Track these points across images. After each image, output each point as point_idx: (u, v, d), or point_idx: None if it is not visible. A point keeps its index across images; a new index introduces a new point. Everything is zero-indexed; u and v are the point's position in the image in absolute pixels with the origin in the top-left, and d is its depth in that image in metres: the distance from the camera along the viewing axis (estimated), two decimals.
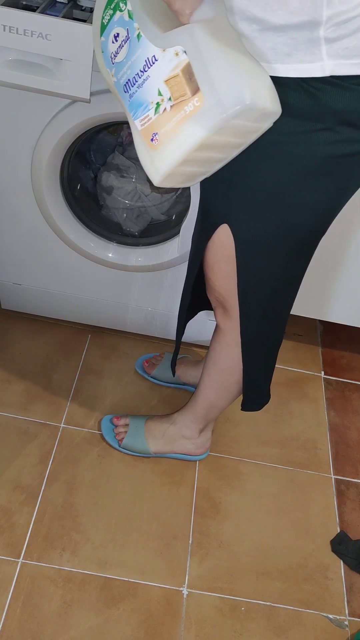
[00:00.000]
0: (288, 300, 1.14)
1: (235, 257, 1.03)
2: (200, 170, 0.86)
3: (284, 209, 0.95)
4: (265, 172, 0.91)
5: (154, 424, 1.47)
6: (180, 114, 0.78)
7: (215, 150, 0.82)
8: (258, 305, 1.10)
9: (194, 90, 0.76)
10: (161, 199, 1.62)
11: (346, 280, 1.60)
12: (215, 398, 1.35)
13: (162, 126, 0.80)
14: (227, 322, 1.17)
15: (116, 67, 0.85)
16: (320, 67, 0.79)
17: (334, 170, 0.90)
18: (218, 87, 0.75)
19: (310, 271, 1.13)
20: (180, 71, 0.77)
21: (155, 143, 0.81)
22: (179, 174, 0.83)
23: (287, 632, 1.26)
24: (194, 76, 0.76)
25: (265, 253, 1.02)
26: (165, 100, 0.79)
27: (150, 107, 0.81)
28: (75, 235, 1.48)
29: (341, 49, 0.78)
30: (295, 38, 0.78)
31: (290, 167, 0.89)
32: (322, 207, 0.96)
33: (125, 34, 0.82)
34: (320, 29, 0.76)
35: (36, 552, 1.28)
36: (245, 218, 0.98)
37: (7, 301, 1.73)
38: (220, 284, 1.11)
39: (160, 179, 0.83)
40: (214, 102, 0.75)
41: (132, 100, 0.83)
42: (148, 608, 1.24)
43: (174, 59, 0.77)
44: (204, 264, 1.11)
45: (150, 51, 0.79)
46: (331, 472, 1.56)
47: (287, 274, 1.07)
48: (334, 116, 0.83)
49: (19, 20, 1.04)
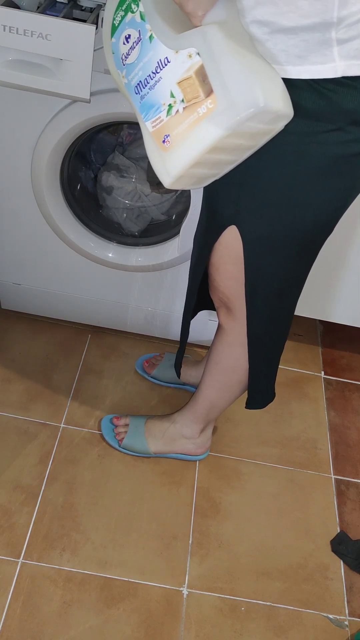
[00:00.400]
0: (294, 298, 1.15)
1: (244, 258, 1.03)
2: (210, 172, 0.86)
3: (294, 209, 0.95)
4: (276, 173, 0.91)
5: (154, 424, 1.47)
6: (193, 116, 0.78)
7: (226, 152, 0.82)
8: (265, 305, 1.10)
9: (208, 92, 0.76)
10: (161, 199, 1.62)
11: (346, 281, 1.60)
12: (217, 398, 1.35)
13: (174, 128, 0.80)
14: (230, 322, 1.17)
15: (127, 69, 0.85)
16: (332, 68, 0.79)
17: (343, 170, 0.90)
18: (232, 89, 0.75)
19: (311, 271, 1.13)
20: (194, 73, 0.77)
21: (167, 145, 0.81)
22: (190, 175, 0.83)
23: (287, 632, 1.26)
24: (207, 78, 0.76)
25: (273, 253, 1.02)
26: (178, 102, 0.79)
27: (162, 108, 0.81)
28: (75, 235, 1.48)
29: (353, 50, 0.79)
30: (307, 40, 0.78)
31: (301, 167, 0.89)
32: (331, 206, 0.97)
33: (137, 35, 0.82)
34: (332, 31, 0.77)
35: (36, 552, 1.28)
36: (255, 219, 0.98)
37: (7, 301, 1.73)
38: (225, 285, 1.11)
39: (171, 180, 0.83)
40: (228, 104, 0.75)
41: (143, 101, 0.83)
42: (148, 608, 1.24)
43: (187, 61, 0.77)
44: (209, 265, 1.11)
45: (162, 53, 0.79)
46: (331, 472, 1.56)
47: (293, 273, 1.08)
48: (345, 116, 0.83)
49: (19, 20, 1.04)
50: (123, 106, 1.21)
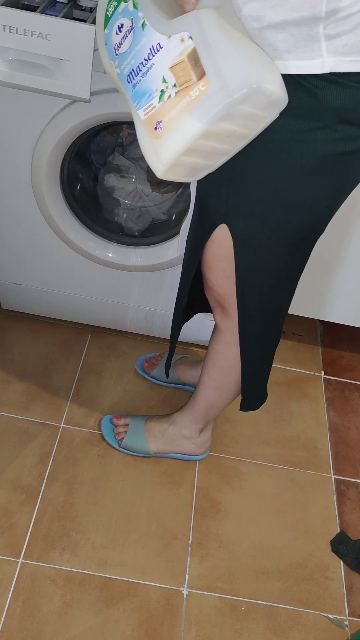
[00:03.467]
0: (286, 299, 1.14)
1: (234, 256, 1.03)
2: (204, 162, 0.85)
3: (283, 208, 0.95)
4: (264, 171, 0.91)
5: (153, 424, 1.47)
6: (185, 100, 0.76)
7: (220, 139, 0.80)
8: (256, 304, 1.10)
9: (200, 75, 0.75)
10: (162, 199, 1.62)
11: (346, 280, 1.60)
12: (215, 398, 1.35)
13: (166, 114, 0.79)
14: (225, 322, 1.17)
15: (120, 58, 0.84)
16: (320, 63, 0.79)
17: (332, 169, 0.90)
18: (224, 70, 0.74)
19: (310, 271, 1.13)
20: (186, 57, 0.76)
21: (159, 132, 0.80)
22: (183, 164, 0.82)
23: (287, 632, 1.26)
24: (199, 61, 0.75)
25: (263, 252, 1.02)
26: (170, 87, 0.78)
27: (154, 95, 0.79)
28: (75, 235, 1.48)
29: (341, 46, 0.78)
30: (295, 35, 0.78)
31: (289, 165, 0.89)
32: (321, 205, 0.96)
33: (130, 24, 0.81)
34: (320, 25, 0.77)
35: (36, 552, 1.28)
36: (244, 217, 0.98)
37: (7, 301, 1.73)
38: (218, 284, 1.11)
39: (163, 169, 0.81)
40: (220, 85, 0.74)
41: (135, 89, 0.82)
42: (148, 608, 1.24)
43: (180, 45, 0.76)
44: (202, 263, 1.11)
45: (155, 39, 0.78)
46: (331, 472, 1.56)
47: (285, 272, 1.07)
48: (333, 114, 0.83)
49: (19, 20, 1.04)
50: (123, 106, 1.21)
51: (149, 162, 0.83)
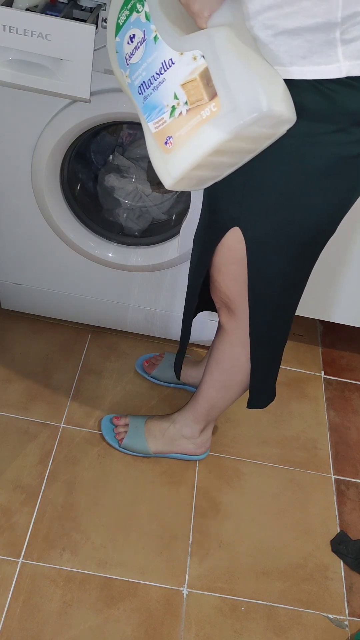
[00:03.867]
0: (295, 299, 1.15)
1: (247, 259, 1.03)
2: (211, 174, 0.87)
3: (297, 210, 0.95)
4: (279, 174, 0.91)
5: (153, 424, 1.47)
6: (197, 119, 0.78)
7: (228, 155, 0.82)
8: (267, 305, 1.11)
9: (212, 95, 0.76)
10: (162, 199, 1.62)
11: (346, 280, 1.60)
12: (217, 398, 1.35)
13: (177, 130, 0.80)
14: (232, 323, 1.17)
15: (131, 69, 0.84)
16: (336, 68, 0.79)
17: (345, 171, 0.90)
18: (236, 93, 0.75)
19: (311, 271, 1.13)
20: (198, 75, 0.77)
21: (169, 147, 0.81)
22: (191, 177, 0.83)
23: (287, 632, 1.26)
24: (211, 81, 0.76)
25: (275, 254, 1.02)
26: (182, 104, 0.79)
27: (165, 110, 0.81)
28: (75, 235, 1.48)
29: (357, 50, 0.79)
30: (311, 40, 0.78)
31: (304, 168, 0.90)
32: (333, 207, 0.97)
33: (142, 35, 0.82)
34: (336, 31, 0.77)
35: (36, 552, 1.28)
36: (257, 220, 0.98)
37: (7, 301, 1.73)
38: (227, 286, 1.11)
39: (172, 182, 0.83)
40: (231, 108, 0.75)
41: (146, 102, 0.83)
42: (148, 608, 1.24)
43: (192, 63, 0.77)
44: (210, 266, 1.11)
45: (167, 54, 0.79)
46: (331, 472, 1.56)
47: (296, 273, 1.08)
48: (348, 117, 0.83)
49: (19, 20, 1.04)
50: (123, 106, 1.21)
51: (158, 174, 0.85)
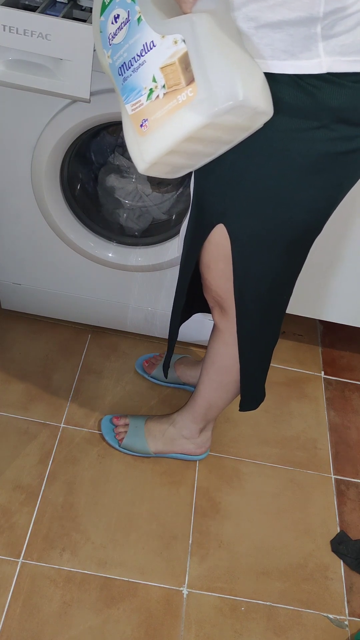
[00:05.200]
0: (284, 299, 1.14)
1: (232, 256, 1.03)
2: (186, 162, 0.86)
3: (281, 207, 0.95)
4: (261, 170, 0.91)
5: (153, 424, 1.47)
6: (172, 103, 0.77)
7: (203, 143, 0.82)
8: (254, 304, 1.10)
9: (189, 80, 0.76)
10: (162, 199, 1.62)
11: (346, 280, 1.60)
12: (214, 397, 1.35)
13: (152, 113, 0.79)
14: (224, 322, 1.17)
15: (113, 49, 0.84)
16: (317, 63, 0.79)
17: (329, 168, 0.90)
18: (213, 80, 0.75)
19: (310, 271, 1.13)
20: (177, 60, 0.76)
21: (144, 129, 0.81)
22: (164, 163, 0.83)
23: (287, 632, 1.26)
24: (190, 66, 0.76)
25: (261, 251, 1.02)
26: (159, 87, 0.78)
27: (143, 92, 0.80)
28: (75, 235, 1.48)
29: (338, 46, 0.78)
30: (292, 34, 0.78)
31: (286, 165, 0.89)
32: (318, 204, 0.96)
33: (126, 16, 0.81)
34: (317, 26, 0.76)
35: (36, 552, 1.28)
36: (242, 217, 0.98)
37: (7, 301, 1.73)
38: (217, 284, 1.11)
39: (145, 166, 0.83)
40: (207, 94, 0.75)
41: (125, 83, 0.83)
42: (148, 608, 1.24)
43: (172, 47, 0.77)
44: (200, 264, 1.11)
45: (149, 36, 0.79)
46: (331, 472, 1.56)
47: (283, 272, 1.07)
48: (330, 114, 0.83)
49: (19, 20, 1.04)
50: None
51: (132, 157, 0.84)
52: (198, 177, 1.01)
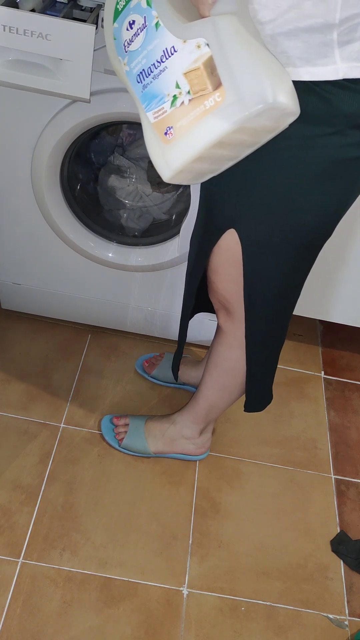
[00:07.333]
0: (292, 301, 1.14)
1: (242, 261, 1.03)
2: (210, 167, 0.84)
3: (293, 213, 0.95)
4: (274, 176, 0.91)
5: (154, 424, 1.47)
6: (199, 109, 0.75)
7: (230, 148, 0.80)
8: (263, 308, 1.10)
9: (216, 85, 0.74)
10: (162, 199, 1.63)
11: (346, 280, 1.60)
12: (216, 399, 1.35)
13: (178, 120, 0.77)
14: (230, 325, 1.17)
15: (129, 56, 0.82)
16: (333, 70, 0.79)
17: (341, 174, 0.90)
18: (241, 83, 0.73)
19: (311, 271, 1.12)
20: (202, 64, 0.74)
21: (169, 137, 0.79)
22: (190, 170, 0.81)
23: (287, 632, 1.26)
24: (216, 70, 0.73)
25: (271, 256, 1.02)
26: (184, 94, 0.76)
27: (166, 99, 0.78)
28: (75, 235, 1.48)
29: (354, 52, 0.78)
30: (308, 41, 0.77)
31: (300, 170, 0.89)
32: (330, 209, 0.96)
33: (142, 21, 0.79)
34: (334, 32, 0.76)
35: (36, 552, 1.28)
36: (253, 222, 0.98)
37: (7, 301, 1.73)
38: (224, 287, 1.11)
39: (171, 174, 0.81)
40: (237, 98, 0.73)
41: (145, 91, 0.80)
42: (148, 608, 1.24)
43: (195, 52, 0.75)
44: (208, 268, 1.11)
45: (169, 41, 0.76)
46: (331, 472, 1.56)
47: (292, 276, 1.08)
48: (345, 120, 0.83)
49: (19, 20, 1.04)
50: (123, 106, 1.21)
51: (156, 165, 0.82)
52: (207, 182, 1.01)
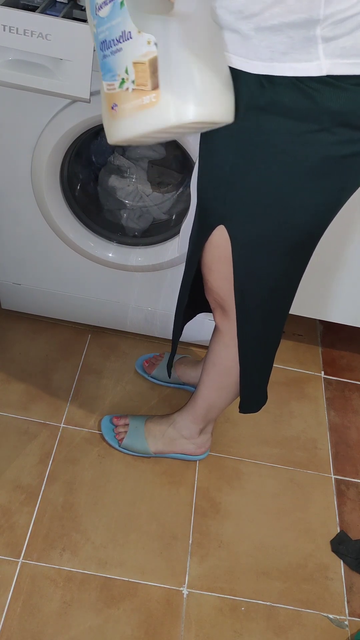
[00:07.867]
0: (286, 301, 1.14)
1: (232, 258, 1.03)
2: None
3: (282, 210, 0.95)
4: (262, 173, 0.91)
5: (153, 424, 1.47)
6: (138, 102, 0.80)
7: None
8: (256, 307, 1.10)
9: (154, 85, 0.78)
10: (162, 199, 1.63)
11: (346, 280, 1.60)
12: (215, 398, 1.35)
13: (122, 102, 0.82)
14: (226, 323, 1.17)
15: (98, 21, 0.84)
16: (316, 66, 0.79)
17: (331, 171, 0.89)
18: (171, 95, 0.77)
19: (310, 271, 1.12)
20: (148, 61, 0.77)
21: (114, 112, 0.84)
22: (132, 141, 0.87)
23: (287, 632, 1.26)
24: (157, 72, 0.77)
25: (262, 254, 1.01)
26: (129, 81, 0.80)
27: (117, 78, 0.82)
28: (75, 235, 1.48)
29: (338, 48, 0.78)
30: (292, 37, 0.77)
31: (287, 168, 0.89)
32: (320, 207, 0.96)
33: None
34: (317, 28, 0.76)
35: (36, 552, 1.28)
36: (242, 219, 0.98)
37: (7, 301, 1.73)
38: (218, 285, 1.10)
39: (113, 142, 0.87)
40: (168, 106, 0.78)
41: (104, 61, 0.84)
42: (148, 608, 1.24)
43: (146, 46, 0.78)
44: (202, 265, 1.11)
45: (127, 25, 0.79)
46: (331, 472, 1.56)
47: (285, 275, 1.07)
48: (330, 117, 0.82)
49: (19, 20, 1.04)
50: None
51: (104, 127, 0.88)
52: (200, 179, 1.01)
